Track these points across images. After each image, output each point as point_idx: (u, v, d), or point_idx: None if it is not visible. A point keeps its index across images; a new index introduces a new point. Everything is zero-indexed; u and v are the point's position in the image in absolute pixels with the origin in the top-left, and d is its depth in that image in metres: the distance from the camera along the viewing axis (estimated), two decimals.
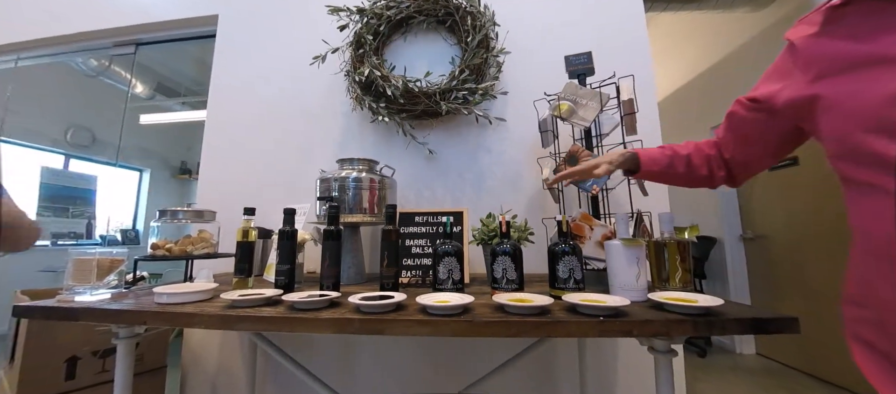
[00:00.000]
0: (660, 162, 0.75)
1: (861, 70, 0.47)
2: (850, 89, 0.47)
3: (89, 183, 3.63)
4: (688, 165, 0.74)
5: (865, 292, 0.48)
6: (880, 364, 0.46)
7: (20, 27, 1.93)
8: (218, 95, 1.60)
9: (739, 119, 0.66)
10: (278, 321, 0.66)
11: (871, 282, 0.47)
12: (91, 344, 1.15)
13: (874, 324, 0.47)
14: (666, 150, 0.76)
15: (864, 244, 0.48)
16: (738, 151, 0.69)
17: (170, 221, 1.04)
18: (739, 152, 0.69)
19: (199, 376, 1.37)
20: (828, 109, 0.50)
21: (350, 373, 1.29)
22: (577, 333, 0.64)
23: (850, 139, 0.47)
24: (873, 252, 0.46)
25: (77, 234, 3.39)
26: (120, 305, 0.74)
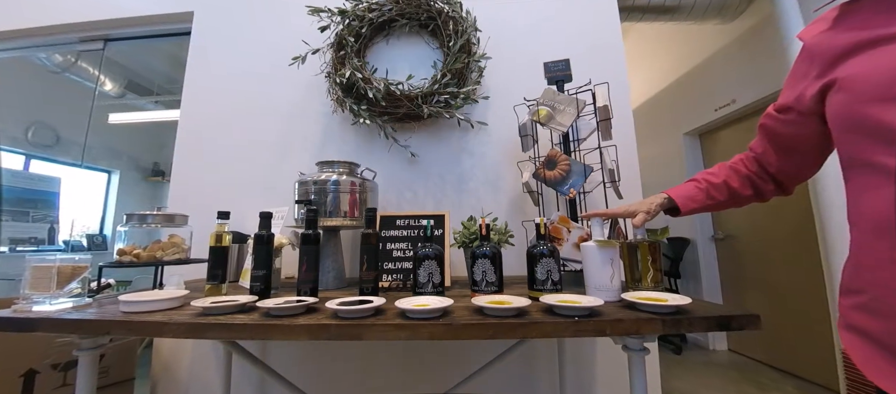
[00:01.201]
0: (697, 199, 0.75)
1: (874, 48, 0.47)
2: (862, 68, 0.48)
3: (52, 185, 3.41)
4: (728, 191, 0.74)
5: (860, 277, 0.48)
6: (869, 348, 0.46)
7: None
8: (192, 95, 1.54)
9: (774, 130, 0.66)
10: (252, 329, 0.64)
11: (867, 265, 0.47)
12: (51, 356, 1.08)
13: (867, 309, 0.47)
14: (700, 184, 0.76)
15: (863, 228, 0.48)
16: (784, 161, 0.68)
17: (138, 226, 0.99)
18: (786, 163, 0.68)
19: (170, 387, 1.31)
20: (839, 90, 0.50)
21: (329, 379, 1.27)
22: (553, 333, 0.65)
23: (856, 112, 0.47)
24: (872, 232, 0.46)
25: (38, 239, 3.18)
26: (82, 314, 0.71)
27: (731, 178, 0.74)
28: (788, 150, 0.67)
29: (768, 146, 0.69)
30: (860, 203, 0.48)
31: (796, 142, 0.65)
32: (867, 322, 0.47)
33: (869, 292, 0.47)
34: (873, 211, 0.46)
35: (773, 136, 0.67)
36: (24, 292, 0.78)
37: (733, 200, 0.75)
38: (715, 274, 2.71)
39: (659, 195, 0.81)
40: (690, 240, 2.85)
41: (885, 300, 0.44)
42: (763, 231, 2.30)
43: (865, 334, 0.47)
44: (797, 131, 0.63)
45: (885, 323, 0.44)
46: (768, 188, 0.73)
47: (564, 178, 1.04)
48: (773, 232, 2.22)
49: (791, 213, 2.05)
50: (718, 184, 0.75)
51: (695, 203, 0.76)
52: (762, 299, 2.28)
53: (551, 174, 1.05)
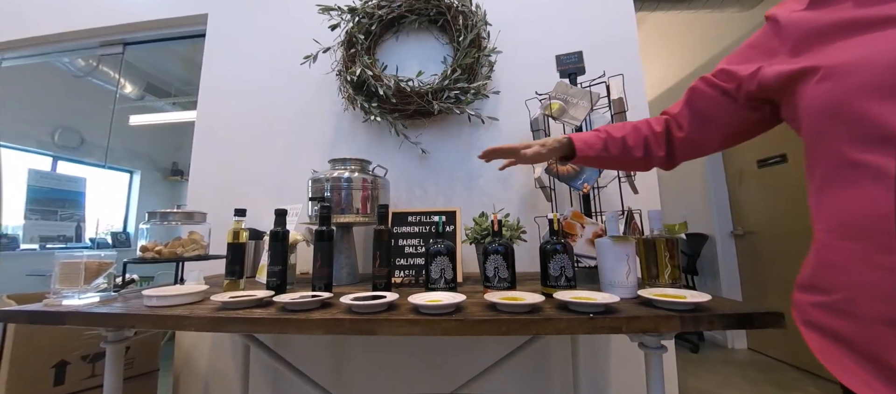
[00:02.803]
0: (595, 147, 0.72)
1: (868, 31, 0.43)
2: (855, 55, 0.43)
3: (78, 185, 3.56)
4: (623, 147, 0.71)
5: (827, 276, 0.46)
6: (838, 350, 0.44)
7: (5, 26, 1.89)
8: (208, 96, 1.58)
9: (703, 96, 0.63)
10: (269, 323, 0.66)
11: (840, 265, 0.44)
12: (80, 348, 1.13)
13: (835, 309, 0.45)
14: (602, 133, 0.73)
15: (840, 230, 0.45)
16: (694, 130, 0.65)
17: (159, 223, 1.03)
18: (695, 132, 0.65)
19: (192, 378, 1.35)
20: (824, 79, 0.45)
21: (343, 373, 1.29)
22: (567, 330, 0.64)
23: (845, 105, 0.43)
24: (848, 231, 0.43)
25: (66, 237, 3.33)
26: (108, 308, 0.74)
27: (630, 135, 0.71)
28: (707, 120, 0.63)
29: (687, 110, 0.66)
30: (839, 201, 0.45)
31: (718, 116, 0.61)
32: (836, 323, 0.44)
33: (839, 293, 0.44)
34: (854, 211, 0.43)
35: (698, 101, 0.64)
36: (54, 287, 0.82)
37: (625, 159, 0.72)
38: (734, 271, 2.63)
39: (563, 135, 0.77)
40: (709, 236, 2.78)
41: (860, 303, 0.42)
42: (785, 227, 2.22)
43: (834, 334, 0.45)
44: (726, 108, 0.60)
45: (861, 327, 0.42)
46: (658, 155, 0.70)
47: (578, 173, 1.02)
48: (795, 227, 2.14)
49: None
50: (617, 138, 0.72)
51: (591, 150, 0.73)
52: (784, 296, 2.21)
53: (564, 169, 1.03)
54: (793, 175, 2.15)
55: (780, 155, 2.24)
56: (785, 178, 2.21)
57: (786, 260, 2.20)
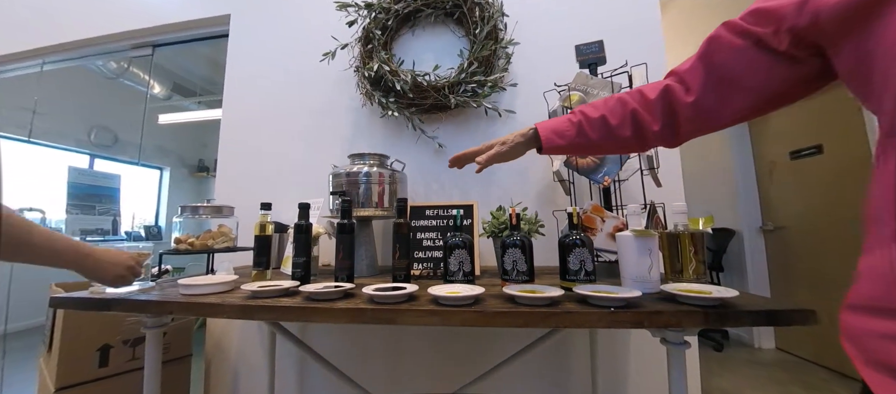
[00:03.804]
0: (566, 135, 0.60)
1: None
2: None
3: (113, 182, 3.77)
4: (603, 128, 0.57)
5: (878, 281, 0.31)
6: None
7: (45, 32, 2.01)
8: (232, 94, 1.64)
9: (726, 49, 0.46)
10: (296, 311, 0.69)
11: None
12: (122, 333, 1.21)
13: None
14: (574, 115, 0.60)
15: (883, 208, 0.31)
16: (709, 94, 0.49)
17: (191, 217, 1.08)
18: (709, 97, 0.49)
19: (222, 364, 1.43)
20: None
21: (364, 362, 1.32)
22: (587, 323, 0.64)
23: None
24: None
25: (104, 230, 3.54)
26: (148, 296, 0.79)
27: (612, 112, 0.57)
28: (728, 82, 0.47)
29: (700, 66, 0.50)
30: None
31: (750, 75, 0.45)
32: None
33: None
34: None
35: (721, 53, 0.47)
36: None
37: (610, 142, 0.58)
38: (762, 268, 2.52)
39: (527, 128, 0.65)
40: (735, 231, 2.67)
41: None
42: (818, 221, 2.10)
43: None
44: (762, 60, 0.43)
45: None
46: (652, 130, 0.54)
47: (598, 165, 1.00)
48: (829, 222, 2.02)
49: (850, 200, 1.85)
50: (595, 118, 0.58)
51: (562, 139, 0.60)
52: (815, 294, 2.10)
53: (584, 162, 1.02)
54: (829, 167, 2.03)
55: (815, 146, 2.11)
56: (820, 170, 2.09)
57: (820, 257, 2.09)
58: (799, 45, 0.41)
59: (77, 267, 0.68)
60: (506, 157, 0.67)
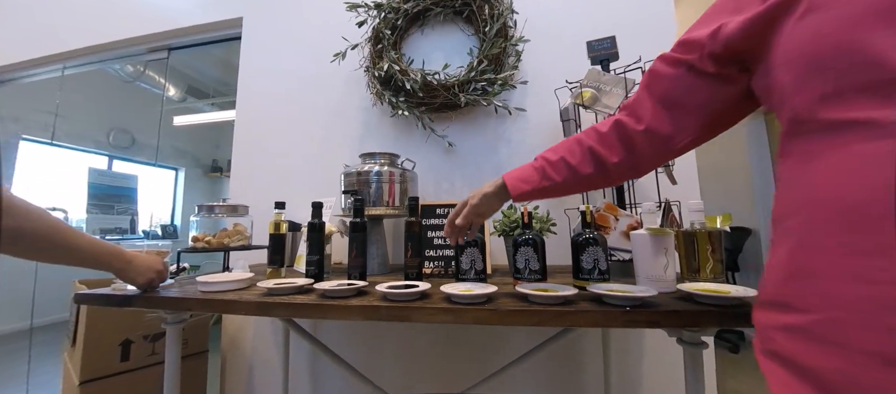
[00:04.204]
0: (531, 180, 0.63)
1: None
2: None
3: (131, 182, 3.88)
4: (565, 169, 0.60)
5: (803, 289, 0.33)
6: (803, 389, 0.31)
7: (66, 37, 2.08)
8: (245, 95, 1.67)
9: (664, 78, 0.51)
10: (311, 308, 0.70)
11: (813, 270, 0.32)
12: (142, 329, 1.25)
13: (811, 335, 0.31)
14: (537, 162, 0.63)
15: (824, 222, 0.31)
16: (659, 120, 0.52)
17: (207, 216, 1.11)
18: (659, 122, 0.52)
19: (237, 359, 1.46)
20: (810, 11, 0.33)
21: (375, 359, 1.34)
22: (602, 323, 0.63)
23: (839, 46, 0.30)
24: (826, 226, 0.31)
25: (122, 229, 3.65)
26: (168, 293, 0.81)
27: (571, 152, 0.59)
28: (673, 105, 0.51)
29: (646, 96, 0.53)
30: (824, 180, 0.32)
31: (690, 96, 0.49)
32: (812, 355, 0.31)
33: (820, 312, 0.31)
34: (845, 192, 0.30)
35: (660, 83, 0.51)
36: None
37: (574, 181, 0.60)
38: None
39: (496, 179, 0.68)
40: (752, 230, 2.60)
41: (851, 330, 0.28)
42: None
43: (808, 372, 0.31)
44: (697, 82, 0.48)
45: (848, 364, 0.28)
46: (611, 162, 0.56)
47: None
48: None
49: None
50: (555, 161, 0.60)
51: (528, 185, 0.63)
52: None
53: None
54: None
55: None
56: None
57: None
58: (725, 67, 0.45)
59: (115, 269, 0.73)
60: (479, 209, 0.70)
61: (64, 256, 0.63)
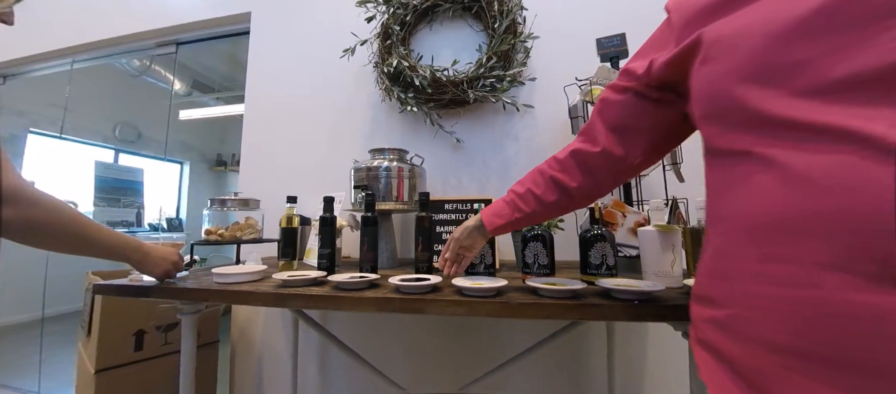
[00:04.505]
0: (503, 214, 0.68)
1: (745, 4, 0.37)
2: (734, 28, 0.37)
3: (136, 176, 3.92)
4: (532, 199, 0.65)
5: (718, 288, 0.39)
6: (724, 373, 0.37)
7: (76, 32, 2.10)
8: (254, 90, 1.68)
9: (614, 104, 0.56)
10: (326, 300, 0.71)
11: (731, 275, 0.37)
12: (155, 319, 1.28)
13: (723, 326, 0.37)
14: (508, 195, 0.69)
15: (723, 227, 0.39)
16: (612, 142, 0.57)
17: (219, 210, 1.12)
18: (613, 144, 0.57)
19: (246, 350, 1.49)
20: (706, 61, 0.40)
21: (383, 350, 1.36)
22: (610, 316, 0.65)
23: (722, 94, 0.37)
24: (732, 236, 0.37)
25: (128, 222, 3.69)
26: (185, 284, 0.83)
27: (535, 183, 0.65)
28: (624, 129, 0.56)
29: (599, 121, 0.58)
30: (731, 198, 0.38)
31: (638, 119, 0.55)
32: (722, 342, 0.37)
33: (728, 308, 0.37)
34: (744, 207, 0.36)
35: (610, 109, 0.57)
36: None
37: (543, 210, 0.65)
38: None
39: (474, 216, 0.74)
40: None
41: (749, 323, 0.34)
42: None
43: (719, 355, 0.37)
44: (643, 106, 0.53)
45: (747, 352, 0.34)
46: (571, 186, 0.61)
47: None
48: None
49: None
50: (522, 193, 0.66)
51: (501, 219, 0.68)
52: None
53: None
54: None
55: None
56: None
57: None
58: (664, 93, 0.51)
59: (133, 261, 0.74)
60: (463, 242, 0.75)
61: (84, 248, 0.65)
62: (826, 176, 0.29)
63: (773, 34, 0.34)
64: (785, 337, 0.32)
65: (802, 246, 0.31)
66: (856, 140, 0.28)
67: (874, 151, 0.27)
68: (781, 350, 0.32)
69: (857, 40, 0.29)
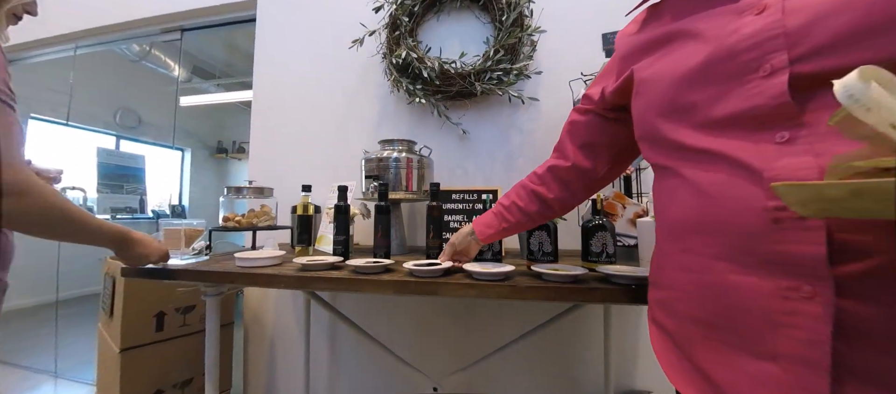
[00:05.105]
0: (492, 225, 0.75)
1: (664, 47, 0.46)
2: (652, 71, 0.47)
3: (138, 162, 3.92)
4: (517, 210, 0.72)
5: (659, 274, 0.49)
6: (666, 344, 0.47)
7: (80, 16, 2.09)
8: (261, 79, 1.69)
9: (579, 125, 0.66)
10: (347, 283, 0.77)
11: (663, 263, 0.48)
12: (174, 301, 1.33)
13: (664, 305, 0.48)
14: (496, 207, 0.76)
15: (660, 226, 0.49)
16: (581, 157, 0.66)
17: (235, 197, 1.17)
18: (581, 159, 0.66)
19: (259, 331, 1.56)
20: (638, 94, 0.50)
21: (390, 331, 1.43)
22: (610, 299, 0.71)
23: (648, 123, 0.48)
24: (666, 234, 0.47)
25: (131, 208, 3.72)
26: (209, 267, 0.88)
27: (519, 196, 0.73)
28: (591, 145, 0.66)
29: (568, 140, 0.68)
30: (659, 198, 0.49)
31: (602, 136, 0.64)
32: (664, 318, 0.48)
33: (666, 291, 0.47)
34: (668, 215, 0.46)
35: (577, 129, 0.66)
36: None
37: (526, 219, 0.73)
38: None
39: (469, 224, 0.81)
40: None
41: (677, 302, 0.45)
42: None
43: (663, 328, 0.48)
44: (604, 125, 0.62)
45: (677, 323, 0.45)
46: (549, 197, 0.69)
47: None
48: None
49: None
50: (508, 205, 0.74)
51: (491, 229, 0.75)
52: None
53: None
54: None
55: None
56: None
57: None
58: (619, 113, 0.59)
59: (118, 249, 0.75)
60: (458, 247, 0.81)
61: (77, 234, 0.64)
62: (713, 189, 0.38)
63: (676, 80, 0.43)
64: (698, 312, 0.41)
65: (702, 241, 0.40)
66: (730, 162, 0.37)
67: (741, 170, 0.36)
68: (698, 322, 0.41)
69: (727, 90, 0.38)
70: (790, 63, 0.34)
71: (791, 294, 0.32)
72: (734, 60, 0.37)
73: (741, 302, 0.36)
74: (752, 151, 0.35)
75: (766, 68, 0.35)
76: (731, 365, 0.37)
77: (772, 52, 0.35)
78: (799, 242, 0.32)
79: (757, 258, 0.35)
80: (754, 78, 0.36)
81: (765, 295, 0.34)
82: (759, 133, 0.35)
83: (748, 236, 0.35)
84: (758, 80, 0.36)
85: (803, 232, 0.32)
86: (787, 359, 0.33)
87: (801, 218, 0.32)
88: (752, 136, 0.36)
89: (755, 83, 0.36)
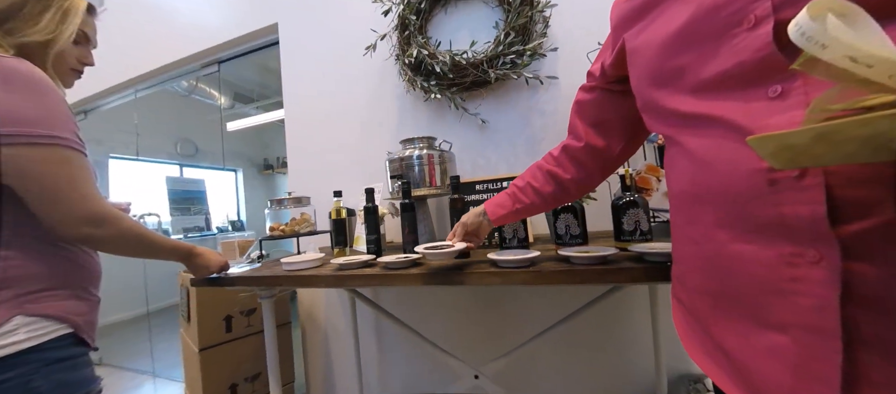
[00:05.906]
0: (505, 205, 0.73)
1: (650, 13, 0.44)
2: (641, 39, 0.45)
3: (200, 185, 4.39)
4: (532, 191, 0.70)
5: (675, 248, 0.48)
6: (685, 319, 0.46)
7: (132, 67, 2.38)
8: (290, 97, 1.81)
9: (587, 104, 0.63)
10: (379, 278, 0.82)
11: (676, 236, 0.47)
12: (238, 305, 1.50)
13: (679, 278, 0.47)
14: (510, 188, 0.74)
15: (670, 198, 0.48)
16: (593, 136, 0.63)
17: (278, 209, 1.28)
18: (594, 138, 0.63)
19: (313, 329, 1.70)
20: (631, 66, 0.48)
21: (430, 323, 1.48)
22: (643, 278, 0.68)
23: (645, 94, 0.46)
24: (674, 206, 0.46)
25: (199, 227, 4.19)
26: (261, 273, 0.98)
27: (534, 177, 0.71)
28: (601, 123, 0.63)
29: (578, 121, 0.65)
30: (669, 178, 0.47)
31: (612, 113, 0.61)
32: (680, 292, 0.48)
33: (680, 265, 0.47)
34: (675, 187, 0.45)
35: (586, 108, 0.64)
36: None
37: (541, 201, 0.71)
38: None
39: (482, 205, 0.79)
40: None
41: (688, 275, 0.44)
42: None
43: (680, 302, 0.48)
44: (613, 100, 0.60)
45: (689, 297, 0.45)
46: (566, 178, 0.67)
47: None
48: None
49: None
50: (523, 186, 0.72)
51: (503, 209, 0.74)
52: None
53: None
54: None
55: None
56: None
57: None
58: (623, 84, 0.55)
59: (186, 262, 0.85)
60: (469, 227, 0.80)
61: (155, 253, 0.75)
62: (709, 155, 0.37)
63: (661, 46, 0.41)
64: (704, 282, 0.41)
65: (702, 211, 0.39)
66: (724, 125, 0.35)
67: (733, 132, 0.34)
68: (707, 293, 0.41)
69: (714, 48, 0.36)
70: (774, 10, 0.31)
71: (797, 260, 0.30)
72: (718, 15, 0.35)
73: (745, 271, 0.35)
74: (743, 111, 0.33)
75: (750, 19, 0.33)
76: (745, 336, 0.36)
77: (755, 1, 0.32)
78: (796, 202, 0.30)
79: (756, 224, 0.33)
80: (739, 31, 0.34)
81: (767, 263, 0.32)
82: (751, 90, 0.33)
83: (746, 202, 0.33)
84: (743, 33, 0.33)
85: (801, 192, 0.29)
86: (797, 328, 0.31)
87: (798, 177, 0.29)
88: (743, 94, 0.34)
89: (741, 37, 0.34)
